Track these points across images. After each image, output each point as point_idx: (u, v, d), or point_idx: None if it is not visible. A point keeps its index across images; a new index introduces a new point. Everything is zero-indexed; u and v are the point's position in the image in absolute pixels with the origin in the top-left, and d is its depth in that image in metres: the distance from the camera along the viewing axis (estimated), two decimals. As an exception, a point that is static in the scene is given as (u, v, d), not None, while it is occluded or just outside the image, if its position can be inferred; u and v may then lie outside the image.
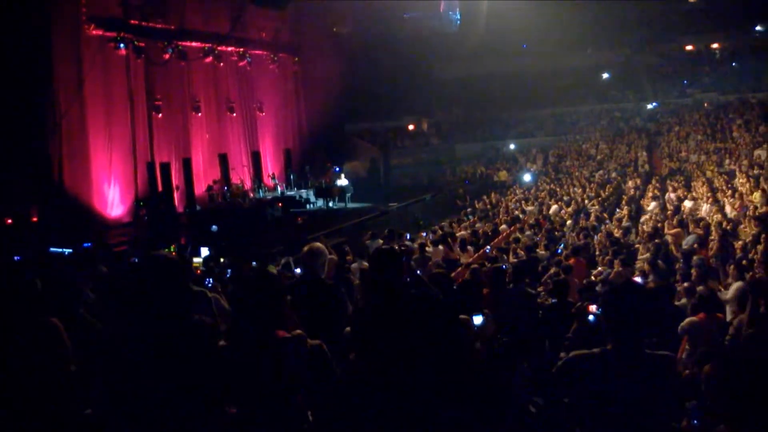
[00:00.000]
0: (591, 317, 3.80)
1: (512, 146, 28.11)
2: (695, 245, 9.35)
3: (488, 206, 17.76)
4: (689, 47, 31.14)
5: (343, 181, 19.71)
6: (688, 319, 5.06)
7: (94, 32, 15.82)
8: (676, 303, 6.06)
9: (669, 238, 10.29)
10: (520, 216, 14.86)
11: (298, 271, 7.57)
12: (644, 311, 2.37)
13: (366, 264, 7.44)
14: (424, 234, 13.42)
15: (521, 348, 4.74)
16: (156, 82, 17.94)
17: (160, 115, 18.03)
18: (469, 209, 17.24)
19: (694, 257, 8.12)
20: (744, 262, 7.58)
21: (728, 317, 5.37)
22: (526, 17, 26.62)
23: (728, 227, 10.40)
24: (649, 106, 29.01)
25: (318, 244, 4.73)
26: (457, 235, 12.08)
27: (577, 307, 4.44)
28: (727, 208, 12.01)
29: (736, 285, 6.66)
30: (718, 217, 11.51)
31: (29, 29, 14.23)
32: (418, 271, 6.15)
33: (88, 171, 15.98)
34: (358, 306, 4.31)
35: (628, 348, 2.33)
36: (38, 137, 14.94)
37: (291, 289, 4.22)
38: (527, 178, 22.82)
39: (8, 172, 13.68)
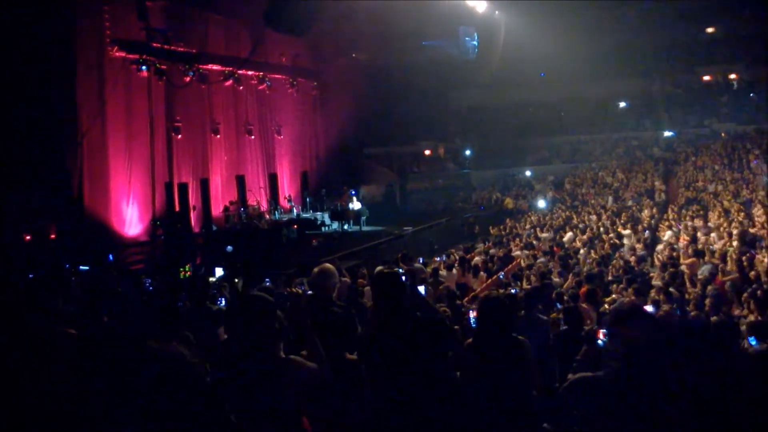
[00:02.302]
0: (600, 342, 3.80)
1: (528, 173, 28.11)
2: (710, 274, 9.24)
3: (503, 232, 17.72)
4: (707, 77, 31.10)
5: (356, 205, 19.81)
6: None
7: (117, 54, 16.22)
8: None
9: (684, 268, 10.18)
10: (534, 243, 14.79)
11: (309, 292, 7.60)
12: (650, 336, 2.39)
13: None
14: (438, 258, 13.41)
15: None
16: (176, 103, 18.29)
17: (180, 136, 18.35)
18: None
19: (709, 287, 8.05)
20: (759, 293, 7.47)
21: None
22: (543, 46, 26.83)
23: (744, 258, 10.26)
24: (666, 134, 28.92)
25: (329, 265, 4.75)
26: (472, 260, 12.05)
27: (587, 332, 4.42)
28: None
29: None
30: (733, 246, 11.36)
31: (54, 50, 14.65)
32: (422, 291, 6.16)
33: (107, 190, 16.25)
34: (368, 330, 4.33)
35: (633, 371, 2.34)
36: (59, 156, 15.24)
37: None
38: (541, 204, 22.78)
39: (29, 190, 13.97)
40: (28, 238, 13.90)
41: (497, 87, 29.66)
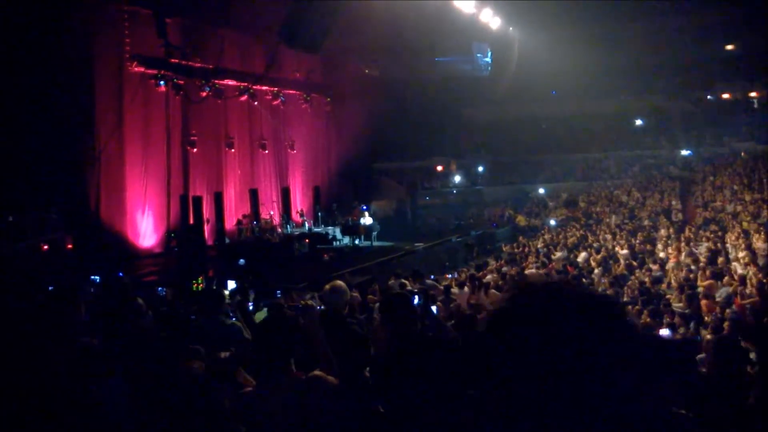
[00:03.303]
0: None
1: (541, 190, 27.93)
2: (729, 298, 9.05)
3: (516, 250, 17.57)
4: (726, 95, 30.77)
5: (367, 220, 19.78)
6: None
7: (136, 69, 16.49)
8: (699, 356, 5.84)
9: (701, 290, 9.99)
10: (545, 261, 14.63)
11: (321, 308, 7.56)
12: (663, 364, 2.30)
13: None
14: (449, 276, 13.31)
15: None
16: (192, 118, 18.51)
17: (195, 150, 18.54)
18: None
19: (727, 310, 7.88)
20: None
21: None
22: (558, 62, 26.81)
23: (766, 282, 10.05)
24: (684, 152, 28.62)
25: (340, 282, 4.74)
26: (484, 279, 11.93)
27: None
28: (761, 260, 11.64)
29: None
30: (753, 269, 11.14)
31: (74, 64, 14.92)
32: (435, 311, 6.10)
33: (123, 202, 16.43)
34: (378, 347, 4.29)
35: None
36: (77, 167, 15.49)
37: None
38: (552, 222, 22.62)
39: (47, 201, 14.15)
40: (45, 247, 14.04)
41: (511, 103, 29.63)
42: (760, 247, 12.54)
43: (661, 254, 14.01)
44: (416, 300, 6.30)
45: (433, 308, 6.91)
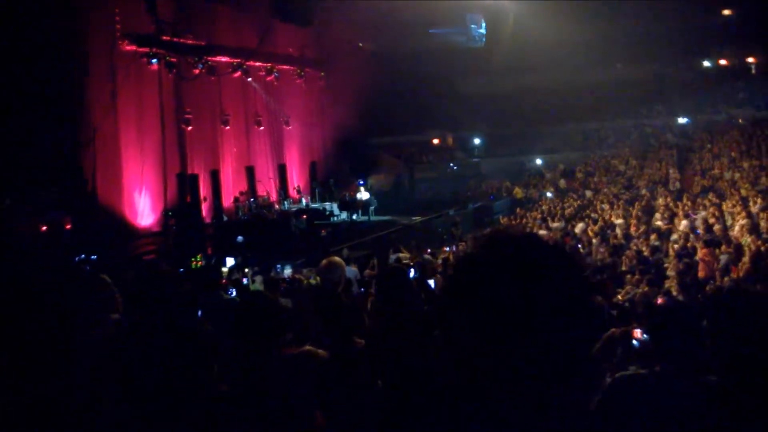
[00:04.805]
0: (635, 342, 3.58)
1: (539, 161, 27.87)
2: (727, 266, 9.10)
3: (513, 222, 17.61)
4: (723, 61, 30.47)
5: (364, 195, 19.76)
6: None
7: (127, 48, 16.30)
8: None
9: (699, 258, 10.04)
10: (543, 233, 14.68)
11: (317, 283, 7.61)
12: (694, 332, 2.28)
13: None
14: (447, 248, 13.37)
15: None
16: (186, 96, 18.35)
17: (190, 128, 18.41)
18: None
19: (725, 278, 7.93)
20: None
21: None
22: (554, 31, 26.48)
23: (763, 248, 10.10)
24: (681, 121, 28.47)
25: (336, 257, 4.77)
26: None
27: (622, 332, 4.22)
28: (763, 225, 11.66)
29: None
30: (751, 237, 11.18)
31: (65, 44, 14.72)
32: (434, 284, 6.16)
33: (119, 181, 16.40)
34: (373, 321, 4.33)
35: (678, 370, 2.22)
36: (73, 148, 15.43)
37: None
38: (548, 195, 22.65)
39: (44, 182, 14.12)
40: (43, 228, 14.06)
41: (506, 74, 29.29)
42: (761, 214, 12.56)
43: (658, 223, 14.05)
44: (412, 273, 6.33)
45: (431, 282, 6.95)
